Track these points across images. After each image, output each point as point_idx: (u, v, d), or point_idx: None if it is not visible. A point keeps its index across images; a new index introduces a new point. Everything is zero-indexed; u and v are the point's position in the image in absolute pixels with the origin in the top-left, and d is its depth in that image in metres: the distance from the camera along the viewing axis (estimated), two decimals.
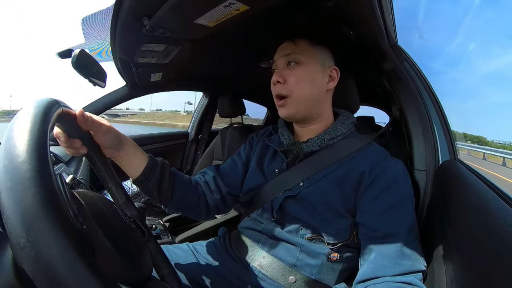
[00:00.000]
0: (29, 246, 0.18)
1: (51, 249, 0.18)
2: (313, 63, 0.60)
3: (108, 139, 0.47)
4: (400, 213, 0.53)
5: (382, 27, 0.61)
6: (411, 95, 0.71)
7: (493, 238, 0.33)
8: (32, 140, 0.22)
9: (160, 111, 56.57)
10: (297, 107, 0.60)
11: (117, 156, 0.51)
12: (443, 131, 0.69)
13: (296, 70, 0.59)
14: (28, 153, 0.21)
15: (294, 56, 0.59)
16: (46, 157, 0.22)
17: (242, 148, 0.74)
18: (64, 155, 1.02)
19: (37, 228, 0.18)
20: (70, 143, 0.42)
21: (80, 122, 0.41)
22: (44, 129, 0.24)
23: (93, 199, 0.31)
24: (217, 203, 0.66)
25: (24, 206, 0.18)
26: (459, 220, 0.45)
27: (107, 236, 0.27)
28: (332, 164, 0.58)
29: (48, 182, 0.20)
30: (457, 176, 0.56)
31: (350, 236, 0.56)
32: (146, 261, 0.36)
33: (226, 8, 0.51)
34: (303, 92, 0.59)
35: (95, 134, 0.45)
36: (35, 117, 0.25)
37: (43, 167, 0.21)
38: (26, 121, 0.24)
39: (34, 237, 0.18)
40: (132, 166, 0.54)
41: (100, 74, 0.90)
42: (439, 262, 0.49)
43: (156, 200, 0.60)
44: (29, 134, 0.23)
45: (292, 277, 0.55)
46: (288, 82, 0.59)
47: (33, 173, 0.20)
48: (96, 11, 0.77)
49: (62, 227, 0.19)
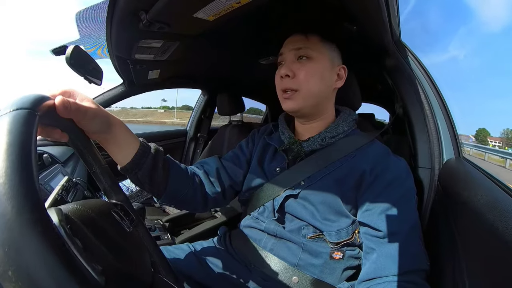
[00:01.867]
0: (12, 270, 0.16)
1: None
2: (323, 60, 0.58)
3: (94, 125, 0.41)
4: (402, 212, 0.52)
5: (386, 22, 0.59)
6: (415, 92, 0.70)
7: (505, 238, 0.32)
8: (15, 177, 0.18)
9: (135, 109, 54.05)
10: (304, 102, 0.58)
11: (104, 140, 0.46)
12: (447, 128, 0.68)
13: (307, 65, 0.57)
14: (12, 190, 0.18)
15: (305, 50, 0.58)
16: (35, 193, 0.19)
17: (244, 144, 0.72)
18: (60, 155, 1.00)
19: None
20: (47, 134, 0.36)
21: (61, 113, 0.34)
22: (27, 152, 0.20)
23: (87, 214, 0.29)
24: (216, 196, 0.64)
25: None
26: (466, 219, 0.44)
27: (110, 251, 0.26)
28: (333, 162, 0.57)
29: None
30: (463, 174, 0.55)
31: (352, 235, 0.55)
32: (147, 265, 0.35)
33: (227, 0, 0.49)
34: (313, 88, 0.57)
35: (78, 121, 0.39)
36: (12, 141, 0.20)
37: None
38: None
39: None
40: (121, 152, 0.48)
41: (96, 72, 0.87)
42: (444, 262, 0.48)
43: (148, 192, 0.56)
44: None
45: (295, 277, 0.55)
46: (297, 76, 0.57)
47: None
48: (91, 5, 0.75)
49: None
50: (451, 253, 0.46)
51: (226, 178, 0.65)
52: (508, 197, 0.38)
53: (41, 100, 0.28)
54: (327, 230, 0.55)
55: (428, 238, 0.53)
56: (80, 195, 0.79)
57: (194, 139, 1.76)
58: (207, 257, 0.64)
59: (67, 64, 0.72)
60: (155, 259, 0.40)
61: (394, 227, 0.51)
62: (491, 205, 0.38)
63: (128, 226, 0.35)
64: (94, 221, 0.28)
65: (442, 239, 0.52)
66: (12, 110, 0.23)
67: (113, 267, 0.25)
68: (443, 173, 0.62)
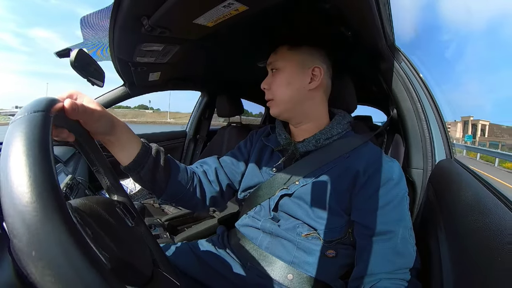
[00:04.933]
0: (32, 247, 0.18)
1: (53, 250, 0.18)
2: (289, 67, 0.62)
3: (99, 126, 0.43)
4: (394, 212, 0.53)
5: (380, 28, 0.61)
6: (408, 95, 0.72)
7: (488, 237, 0.34)
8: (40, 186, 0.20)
9: (120, 109, 53.71)
10: (280, 108, 0.63)
11: (107, 141, 0.48)
12: (439, 131, 0.70)
13: (275, 77, 0.63)
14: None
15: (274, 63, 0.64)
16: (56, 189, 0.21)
17: (242, 144, 0.74)
18: (62, 154, 1.02)
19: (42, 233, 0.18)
20: (56, 134, 0.37)
21: (69, 114, 0.36)
22: (48, 164, 0.22)
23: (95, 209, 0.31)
24: (215, 195, 0.66)
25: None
26: (454, 219, 0.46)
27: (113, 242, 0.28)
28: (327, 163, 0.59)
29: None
30: (454, 175, 0.57)
31: (345, 234, 0.57)
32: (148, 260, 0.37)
33: (226, 8, 0.51)
34: (282, 95, 0.62)
35: (85, 122, 0.41)
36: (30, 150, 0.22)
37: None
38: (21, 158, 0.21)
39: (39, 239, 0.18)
40: (124, 152, 0.50)
41: (98, 74, 0.89)
42: (435, 260, 0.50)
43: (149, 190, 0.58)
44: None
45: (290, 274, 0.56)
46: (271, 88, 0.64)
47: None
48: (95, 11, 0.77)
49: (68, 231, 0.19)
50: (442, 252, 0.48)
51: (225, 178, 0.67)
52: (490, 195, 0.40)
53: (53, 103, 0.30)
54: (321, 229, 0.56)
55: (419, 237, 0.55)
56: (82, 193, 0.80)
57: (193, 140, 1.78)
58: (205, 255, 0.65)
59: (71, 66, 0.74)
60: (155, 255, 0.42)
61: (386, 226, 0.52)
62: (475, 204, 0.40)
63: (130, 222, 0.37)
64: (100, 215, 0.30)
65: (432, 239, 0.54)
66: (29, 113, 0.25)
67: (116, 257, 0.27)
68: (435, 174, 0.64)
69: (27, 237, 0.18)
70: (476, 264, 0.35)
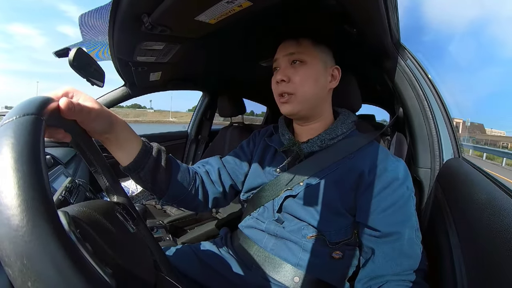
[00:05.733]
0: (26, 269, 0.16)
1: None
2: (316, 63, 0.59)
3: (97, 125, 0.41)
4: (400, 212, 0.52)
5: (385, 25, 0.60)
6: (415, 93, 0.70)
7: (502, 238, 0.32)
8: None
9: (120, 108, 53.88)
10: (301, 105, 0.59)
11: (106, 140, 0.45)
12: (447, 129, 0.68)
13: (301, 70, 0.58)
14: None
15: (298, 55, 0.59)
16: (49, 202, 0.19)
17: (245, 144, 0.73)
18: (62, 157, 1.01)
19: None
20: (50, 134, 0.35)
21: (65, 114, 0.33)
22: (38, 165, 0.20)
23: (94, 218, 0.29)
24: (217, 195, 0.64)
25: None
26: (464, 219, 0.45)
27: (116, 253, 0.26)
28: (332, 164, 0.58)
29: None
30: (462, 174, 0.56)
31: (351, 235, 0.56)
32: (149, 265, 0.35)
33: (229, 4, 0.50)
34: (308, 91, 0.58)
35: (81, 121, 0.39)
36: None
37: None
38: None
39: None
40: (123, 151, 0.48)
41: (98, 74, 0.88)
42: (444, 262, 0.48)
43: (150, 191, 0.56)
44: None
45: (296, 277, 0.55)
46: (293, 80, 0.58)
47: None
48: (94, 8, 0.75)
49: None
50: (450, 253, 0.46)
51: (228, 178, 0.66)
52: (505, 196, 0.39)
53: (46, 103, 0.27)
54: (327, 230, 0.55)
55: (427, 238, 0.54)
56: (82, 196, 0.79)
57: (194, 140, 1.77)
58: (208, 258, 0.64)
59: (70, 66, 0.73)
60: (157, 259, 0.41)
61: (392, 227, 0.51)
62: (488, 204, 0.38)
63: (132, 227, 0.35)
64: (99, 223, 0.29)
65: (441, 239, 0.53)
66: (18, 117, 0.23)
67: (119, 268, 0.25)
68: (443, 174, 0.63)
69: (19, 267, 0.16)
70: (491, 266, 0.33)
